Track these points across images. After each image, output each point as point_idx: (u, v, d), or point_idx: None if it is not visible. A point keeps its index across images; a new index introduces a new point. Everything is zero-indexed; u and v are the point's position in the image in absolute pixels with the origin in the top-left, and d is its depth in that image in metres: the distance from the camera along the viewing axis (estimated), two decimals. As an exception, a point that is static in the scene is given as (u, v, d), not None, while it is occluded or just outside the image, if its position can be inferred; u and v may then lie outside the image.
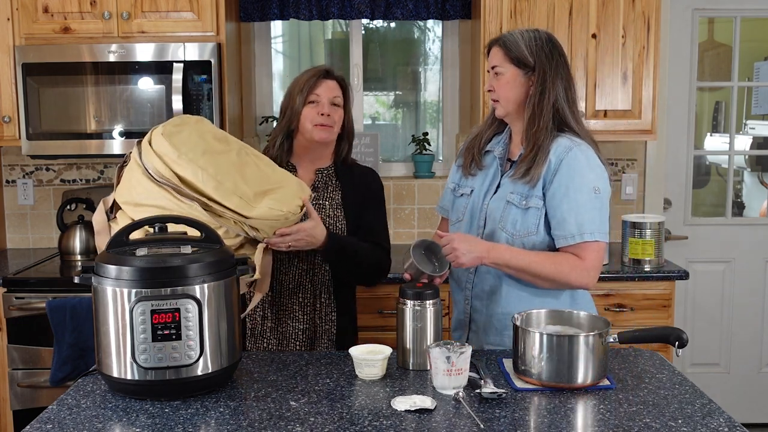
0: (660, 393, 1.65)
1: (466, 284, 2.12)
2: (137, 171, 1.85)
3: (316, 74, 2.23)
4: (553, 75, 1.99)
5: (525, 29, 2.07)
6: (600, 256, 1.97)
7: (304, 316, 2.23)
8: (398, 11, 3.54)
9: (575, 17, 3.15)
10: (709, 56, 3.95)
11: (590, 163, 1.97)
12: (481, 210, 2.09)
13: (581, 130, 2.03)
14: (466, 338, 2.16)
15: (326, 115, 2.19)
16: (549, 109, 1.99)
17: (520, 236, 2.00)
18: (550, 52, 2.01)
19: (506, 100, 2.04)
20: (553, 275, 1.94)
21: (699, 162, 4.02)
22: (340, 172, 2.30)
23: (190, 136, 1.88)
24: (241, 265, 1.72)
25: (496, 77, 2.05)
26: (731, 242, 3.86)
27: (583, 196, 1.95)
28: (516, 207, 2.00)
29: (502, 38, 2.06)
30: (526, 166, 1.99)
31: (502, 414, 1.53)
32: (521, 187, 2.01)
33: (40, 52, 3.10)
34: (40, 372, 2.95)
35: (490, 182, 2.10)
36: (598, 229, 1.95)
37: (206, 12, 3.12)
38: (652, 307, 3.05)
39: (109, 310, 1.59)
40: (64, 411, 1.57)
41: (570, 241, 1.95)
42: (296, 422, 1.49)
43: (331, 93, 2.22)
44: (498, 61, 2.04)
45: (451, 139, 3.79)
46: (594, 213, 1.95)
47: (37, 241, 3.65)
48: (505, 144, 2.12)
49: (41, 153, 3.19)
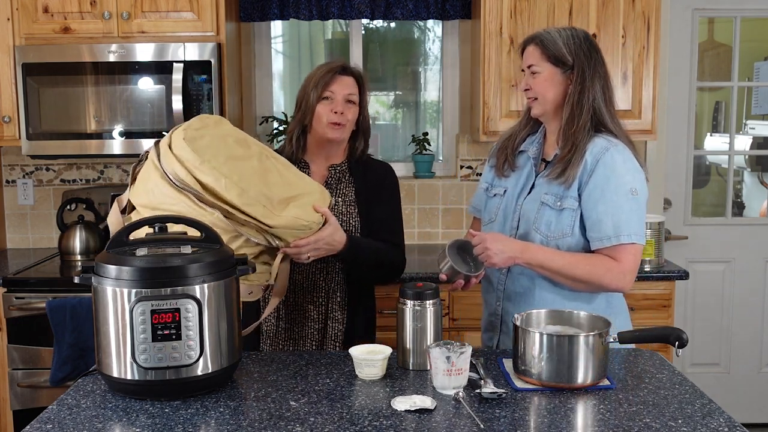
0: (660, 393, 1.65)
1: (498, 285, 2.09)
2: (155, 173, 1.81)
3: (331, 70, 2.17)
4: (591, 74, 1.97)
5: (561, 27, 2.03)
6: (637, 258, 1.93)
7: (318, 315, 2.21)
8: (398, 11, 3.54)
9: (575, 17, 3.15)
10: (709, 56, 3.95)
11: (627, 164, 1.93)
12: (514, 211, 2.06)
13: (618, 130, 1.99)
14: (497, 340, 2.12)
15: (340, 113, 2.15)
16: (588, 108, 1.96)
17: (554, 238, 1.96)
18: (588, 50, 1.98)
19: (544, 98, 2.01)
20: (588, 277, 1.91)
21: (699, 162, 4.02)
22: (353, 168, 2.26)
23: (213, 141, 1.84)
24: (241, 265, 1.72)
25: (533, 76, 2.01)
26: (731, 242, 3.86)
27: (619, 198, 1.91)
28: (550, 208, 1.97)
29: (539, 36, 2.02)
30: (562, 167, 1.96)
31: (502, 414, 1.53)
32: (556, 187, 1.98)
33: (40, 52, 3.10)
34: (40, 372, 2.95)
35: (524, 182, 2.07)
36: (635, 232, 1.91)
37: (206, 12, 3.12)
38: (652, 307, 3.05)
39: (109, 310, 1.59)
40: (64, 411, 1.57)
41: (606, 243, 1.91)
42: (296, 422, 1.49)
43: (346, 90, 2.17)
44: (534, 60, 2.01)
45: (451, 139, 3.79)
46: (631, 215, 1.91)
47: (37, 241, 3.65)
48: (539, 144, 2.09)
49: (41, 153, 3.19)
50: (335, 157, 2.26)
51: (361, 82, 2.22)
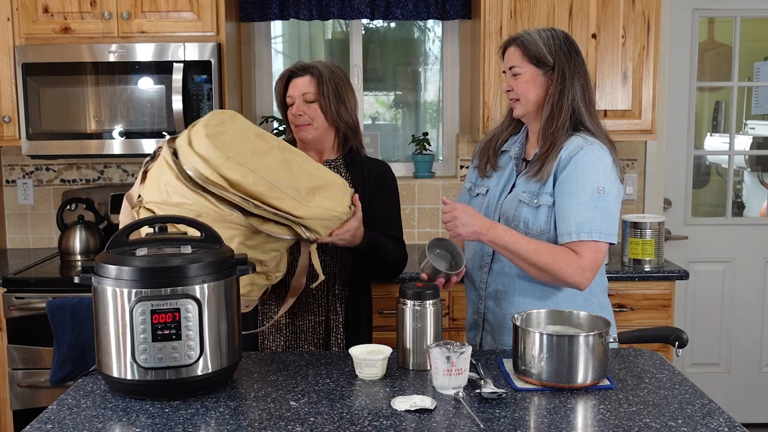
0: (660, 393, 1.65)
1: (480, 284, 2.12)
2: (169, 173, 1.79)
3: (284, 76, 2.26)
4: (572, 74, 1.99)
5: (541, 28, 2.05)
6: (597, 257, 1.93)
7: (318, 308, 2.24)
8: (398, 11, 3.54)
9: (575, 17, 3.15)
10: (709, 56, 3.95)
11: (598, 163, 1.95)
12: (495, 210, 2.08)
13: (597, 129, 2.01)
14: (480, 338, 2.14)
15: (298, 115, 2.21)
16: (567, 108, 1.98)
17: (533, 235, 1.98)
18: (569, 51, 2.01)
19: (526, 99, 2.03)
20: (549, 267, 1.91)
21: (699, 162, 4.02)
22: (349, 164, 2.29)
23: (235, 137, 1.84)
24: (241, 265, 1.72)
25: (515, 78, 2.03)
26: (731, 242, 3.86)
27: (585, 195, 1.93)
28: (527, 205, 2.00)
29: (519, 38, 2.03)
30: (539, 165, 1.99)
31: (502, 414, 1.53)
32: (533, 185, 2.01)
33: (40, 52, 3.10)
34: (40, 372, 2.95)
35: (505, 182, 2.10)
36: (598, 229, 1.92)
37: (206, 12, 3.12)
38: (652, 307, 3.05)
39: (109, 310, 1.59)
40: (64, 411, 1.57)
41: (566, 238, 1.94)
42: (296, 422, 1.49)
43: (301, 90, 2.21)
44: (516, 61, 2.02)
45: (451, 139, 3.79)
46: (594, 212, 1.93)
47: (37, 241, 3.65)
48: (521, 144, 2.12)
49: (41, 153, 3.19)
50: (326, 153, 2.30)
51: (321, 78, 2.21)
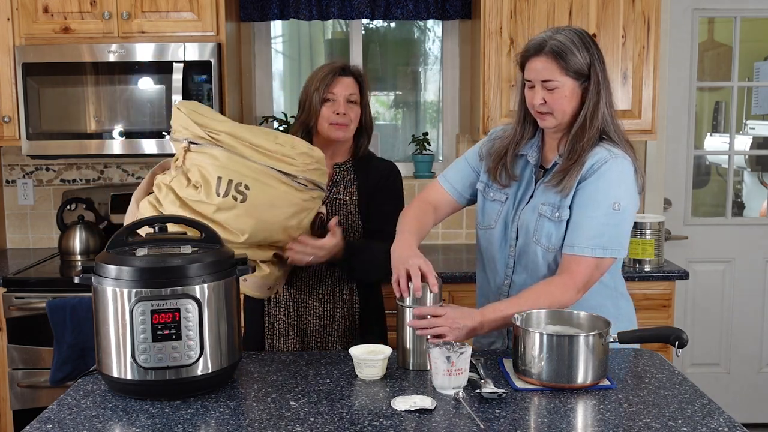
0: (660, 393, 1.65)
1: (503, 284, 2.03)
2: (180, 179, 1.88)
3: (332, 71, 2.20)
4: (605, 83, 1.88)
5: (566, 31, 1.88)
6: (591, 273, 1.86)
7: (324, 312, 2.23)
8: (398, 11, 3.54)
9: (575, 17, 3.15)
10: (709, 56, 3.95)
11: (621, 177, 1.86)
12: (513, 221, 1.99)
13: (618, 133, 1.91)
14: (506, 347, 2.06)
15: (342, 114, 2.18)
16: (599, 120, 1.87)
17: (555, 249, 1.91)
18: (598, 56, 1.87)
19: (563, 113, 1.88)
20: (549, 306, 1.83)
21: (699, 162, 4.02)
22: (357, 166, 2.29)
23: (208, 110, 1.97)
24: (241, 265, 1.72)
25: (550, 92, 1.86)
26: (731, 242, 3.86)
27: (599, 210, 1.85)
28: (549, 219, 1.91)
29: (552, 47, 1.85)
30: (562, 176, 1.89)
31: (502, 414, 1.53)
32: (553, 196, 1.90)
33: (40, 52, 3.10)
34: (40, 372, 2.95)
35: (524, 190, 1.99)
36: (603, 246, 1.85)
37: (206, 12, 3.12)
38: (652, 307, 3.05)
39: (109, 310, 1.59)
40: (64, 411, 1.57)
41: (568, 250, 1.87)
42: (296, 422, 1.49)
43: (347, 90, 2.20)
44: (551, 74, 1.85)
45: (451, 139, 3.79)
46: (605, 229, 1.86)
47: (37, 241, 3.65)
48: (538, 148, 2.00)
49: (41, 153, 3.19)
50: (340, 155, 2.29)
51: (362, 81, 2.25)
